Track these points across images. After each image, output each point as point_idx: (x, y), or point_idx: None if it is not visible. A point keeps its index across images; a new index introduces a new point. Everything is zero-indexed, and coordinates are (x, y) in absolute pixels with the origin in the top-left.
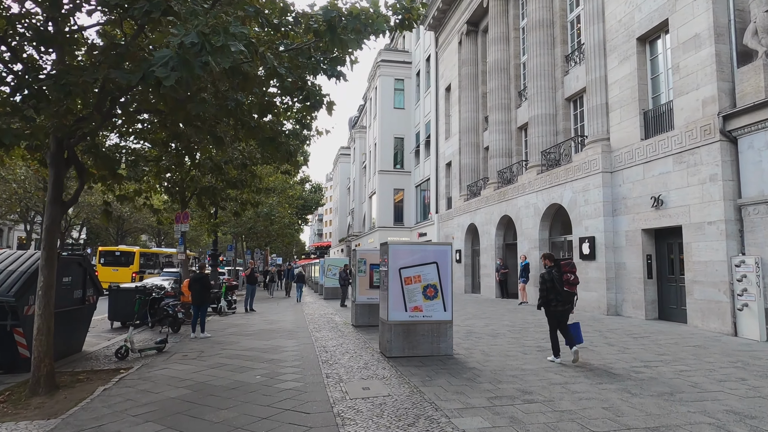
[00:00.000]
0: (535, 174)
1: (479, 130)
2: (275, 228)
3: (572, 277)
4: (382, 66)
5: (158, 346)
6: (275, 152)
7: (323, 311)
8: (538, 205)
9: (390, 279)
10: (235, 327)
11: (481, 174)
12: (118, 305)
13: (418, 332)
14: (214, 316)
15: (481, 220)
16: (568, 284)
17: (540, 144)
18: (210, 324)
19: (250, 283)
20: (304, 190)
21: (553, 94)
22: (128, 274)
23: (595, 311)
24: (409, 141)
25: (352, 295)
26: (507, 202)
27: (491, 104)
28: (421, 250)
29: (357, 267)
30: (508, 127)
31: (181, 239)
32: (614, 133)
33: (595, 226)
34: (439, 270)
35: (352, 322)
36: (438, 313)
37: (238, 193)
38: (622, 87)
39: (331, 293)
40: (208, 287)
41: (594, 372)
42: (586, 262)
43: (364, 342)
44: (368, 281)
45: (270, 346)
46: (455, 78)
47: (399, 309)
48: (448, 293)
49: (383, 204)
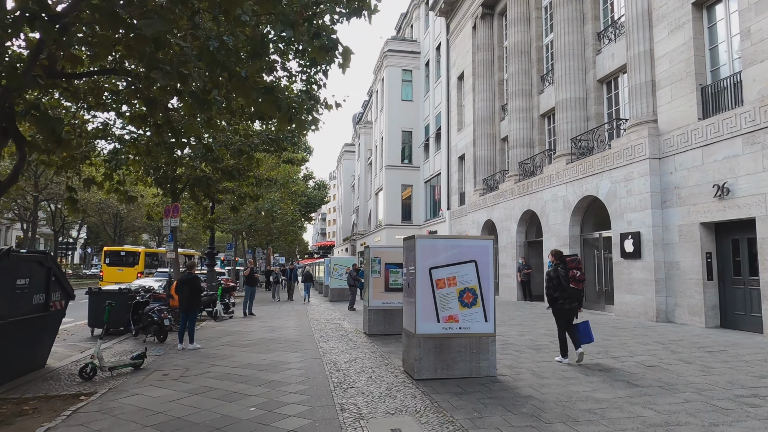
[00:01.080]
0: (564, 164)
1: (495, 119)
2: (277, 225)
3: (578, 274)
4: (389, 56)
5: (134, 363)
6: (272, 108)
7: (330, 315)
8: (568, 197)
9: (418, 281)
10: (231, 335)
11: (498, 167)
12: (99, 310)
13: (453, 348)
14: (209, 321)
15: (500, 215)
16: (575, 281)
17: (569, 131)
18: (202, 331)
19: (250, 284)
20: (307, 187)
21: (583, 75)
22: (134, 274)
23: (641, 317)
24: (418, 135)
25: (364, 299)
26: (530, 195)
27: (511, 90)
28: (456, 245)
29: (370, 266)
30: (529, 114)
31: (170, 235)
32: (663, 114)
33: (640, 220)
34: (479, 270)
35: (364, 330)
36: (478, 323)
37: (236, 185)
38: (674, 60)
39: (337, 295)
40: (198, 291)
41: (689, 400)
42: (628, 261)
43: (382, 357)
44: (383, 283)
45: (269, 361)
46: (468, 65)
47: (430, 319)
48: (490, 299)
49: (390, 201)
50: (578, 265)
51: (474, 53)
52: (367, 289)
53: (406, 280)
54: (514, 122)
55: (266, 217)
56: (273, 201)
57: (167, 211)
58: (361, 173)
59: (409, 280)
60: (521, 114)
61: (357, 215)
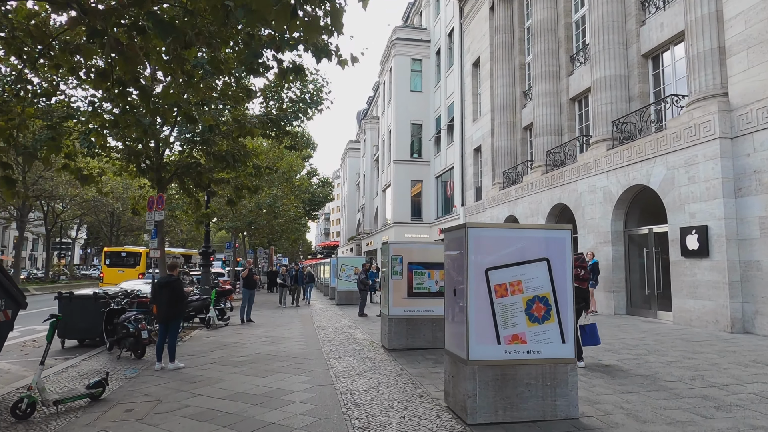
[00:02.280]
0: (604, 150)
1: (516, 107)
2: (279, 223)
3: (582, 273)
4: (398, 45)
5: (91, 393)
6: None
7: (339, 323)
8: (610, 188)
9: (471, 287)
10: (224, 348)
11: (519, 158)
12: (71, 319)
13: (519, 380)
14: (200, 330)
15: (525, 210)
16: (578, 280)
17: (609, 113)
18: (191, 343)
19: (248, 287)
20: (311, 185)
21: (624, 50)
22: (135, 276)
23: (709, 326)
24: (428, 127)
25: (381, 305)
26: (561, 187)
27: (535, 73)
28: (521, 237)
29: (390, 267)
30: (557, 99)
31: (154, 230)
32: (736, 85)
33: (707, 211)
34: (552, 271)
35: (383, 342)
36: (552, 345)
37: (232, 177)
38: (750, 21)
39: (344, 298)
40: (179, 297)
41: None
42: (692, 260)
43: (411, 383)
44: (406, 287)
45: (267, 389)
46: (485, 50)
47: (487, 339)
48: (568, 311)
49: (399, 197)
50: (582, 264)
51: (492, 36)
52: (386, 294)
53: (449, 284)
54: (540, 107)
55: (268, 214)
56: (275, 196)
57: (151, 202)
58: (367, 170)
59: (456, 286)
60: (548, 98)
61: (362, 214)
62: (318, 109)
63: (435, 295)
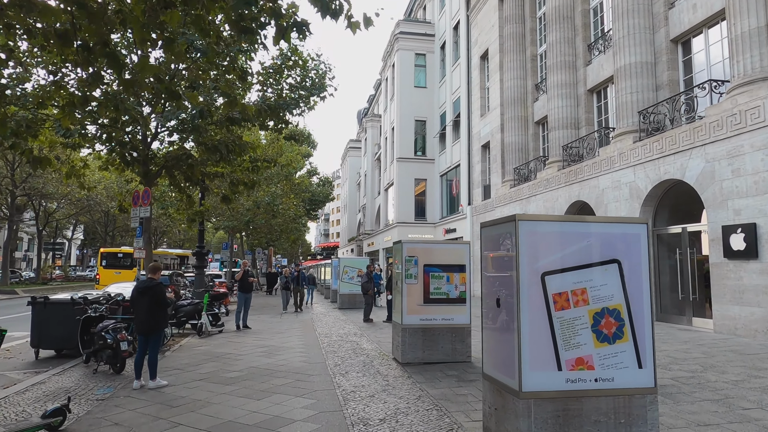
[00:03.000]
0: (631, 142)
1: (528, 100)
2: (278, 222)
3: None
4: (401, 39)
5: (47, 423)
6: None
7: (343, 329)
8: (637, 183)
9: (523, 296)
10: (215, 360)
11: (531, 154)
12: (48, 326)
13: (587, 416)
14: (192, 338)
15: (538, 209)
16: None
17: (634, 102)
18: (178, 354)
19: (244, 290)
20: (311, 184)
21: (650, 36)
22: (132, 277)
23: (759, 336)
24: (433, 124)
25: (395, 311)
26: (581, 183)
27: (550, 63)
28: (585, 233)
29: (402, 269)
30: (573, 90)
31: (139, 228)
32: None
33: (755, 207)
34: (624, 277)
35: (395, 354)
36: (627, 372)
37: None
38: None
39: (347, 301)
40: (161, 304)
41: None
42: (736, 262)
43: (435, 407)
44: (422, 292)
45: (262, 416)
46: (494, 41)
47: (545, 364)
48: (645, 328)
49: (402, 197)
50: None
51: (501, 27)
52: (398, 300)
53: (489, 292)
54: (555, 100)
55: (266, 213)
56: (274, 194)
57: (136, 197)
58: (368, 169)
59: (500, 294)
60: (564, 90)
61: (363, 214)
62: (321, 96)
63: (455, 302)
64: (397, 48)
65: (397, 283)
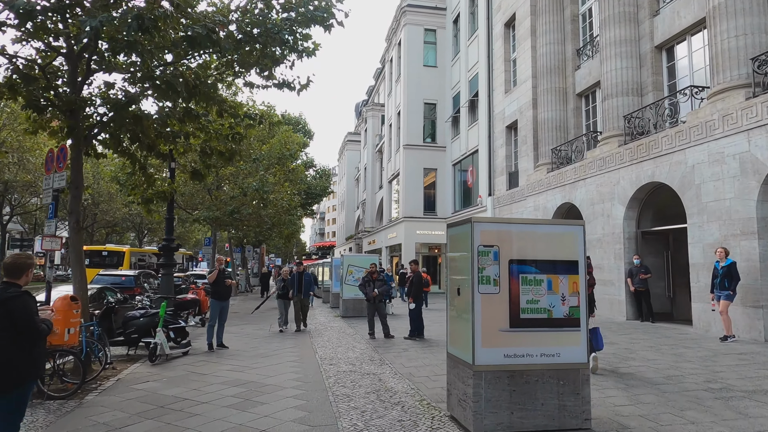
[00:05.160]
0: (741, 98)
1: (567, 69)
2: (270, 213)
3: (588, 278)
4: (408, 12)
5: None
6: None
7: (352, 351)
8: (754, 154)
9: None
10: (152, 419)
11: (572, 131)
12: None
13: None
14: (140, 365)
15: (589, 195)
16: None
17: (742, 48)
18: (101, 400)
19: (218, 297)
20: (308, 176)
21: None
22: None
23: None
24: (444, 108)
25: (454, 340)
26: (654, 160)
27: (604, 17)
28: None
29: (473, 269)
30: (634, 48)
31: (51, 206)
32: None
33: None
34: None
35: (460, 415)
36: None
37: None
38: None
39: (352, 308)
40: (25, 329)
41: None
42: None
43: None
44: (507, 307)
45: None
46: (523, 4)
47: None
48: None
49: (410, 188)
50: (589, 269)
51: None
52: (461, 322)
53: None
54: (611, 61)
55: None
56: (262, 178)
57: (49, 159)
58: (369, 162)
59: None
60: (621, 48)
61: (363, 210)
62: (326, 25)
63: (561, 324)
64: (404, 23)
65: (458, 289)
